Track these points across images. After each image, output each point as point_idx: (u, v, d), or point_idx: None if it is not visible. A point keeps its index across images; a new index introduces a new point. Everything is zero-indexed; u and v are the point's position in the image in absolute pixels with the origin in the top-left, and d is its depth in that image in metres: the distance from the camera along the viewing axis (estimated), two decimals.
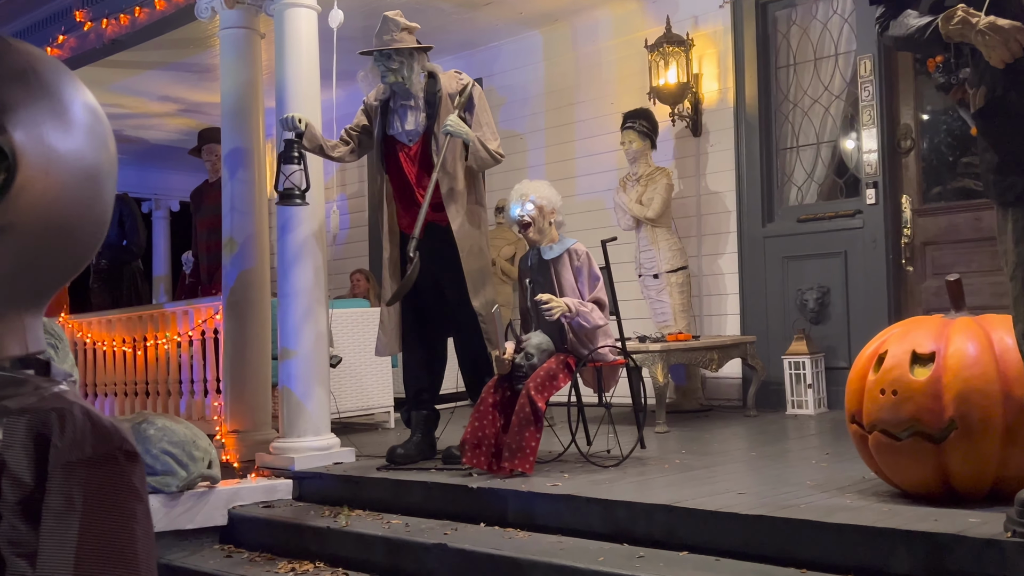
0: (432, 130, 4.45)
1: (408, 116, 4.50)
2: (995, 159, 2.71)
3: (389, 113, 4.55)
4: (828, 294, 5.85)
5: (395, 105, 4.53)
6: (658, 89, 6.28)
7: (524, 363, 4.08)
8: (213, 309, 5.59)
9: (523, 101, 7.34)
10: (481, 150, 4.40)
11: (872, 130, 5.64)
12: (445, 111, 4.45)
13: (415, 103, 4.49)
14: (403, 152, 4.52)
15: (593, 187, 6.78)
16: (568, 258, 4.18)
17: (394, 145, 4.54)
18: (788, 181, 6.17)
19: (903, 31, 2.86)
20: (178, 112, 8.49)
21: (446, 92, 4.48)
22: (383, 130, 4.55)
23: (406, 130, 4.50)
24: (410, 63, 4.42)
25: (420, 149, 4.50)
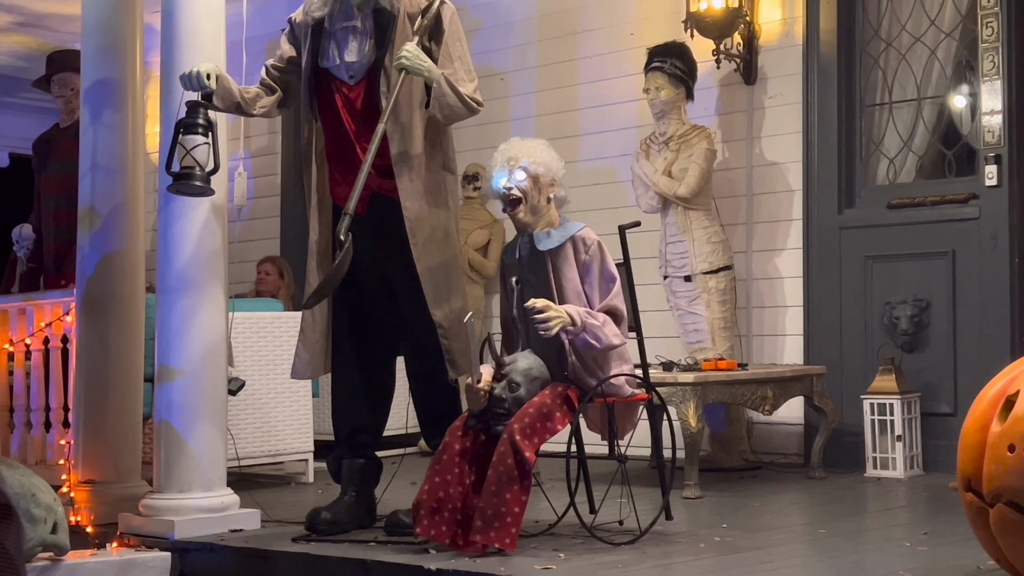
0: (383, 63, 4.43)
1: (350, 43, 4.48)
2: None
3: (324, 38, 4.52)
4: (928, 310, 5.91)
5: (332, 27, 4.50)
6: (698, 16, 6.33)
7: (506, 396, 4.06)
8: (62, 308, 5.54)
9: (506, 27, 7.36)
10: (449, 94, 4.36)
11: (996, 83, 5.73)
12: (402, 38, 4.43)
13: (361, 25, 4.47)
14: (341, 93, 4.50)
15: (603, 151, 6.83)
16: (572, 249, 4.17)
17: (330, 83, 4.52)
18: (876, 151, 6.26)
19: None
20: (13, 26, 8.42)
21: (404, 12, 4.46)
22: (314, 61, 4.53)
23: (346, 62, 4.48)
24: None
25: (365, 90, 4.48)
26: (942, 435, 5.76)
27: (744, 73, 6.47)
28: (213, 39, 4.76)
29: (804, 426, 6.19)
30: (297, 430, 6.19)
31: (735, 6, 6.29)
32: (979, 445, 3.32)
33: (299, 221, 8.71)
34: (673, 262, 6.08)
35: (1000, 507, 3.21)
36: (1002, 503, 3.20)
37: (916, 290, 5.94)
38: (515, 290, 4.26)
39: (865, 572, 3.70)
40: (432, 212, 4.47)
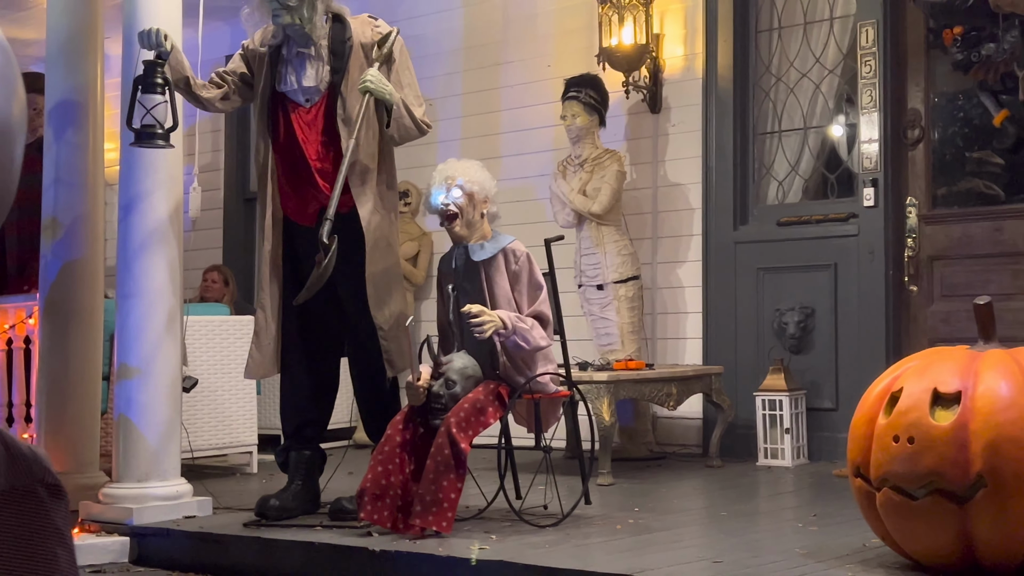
0: (339, 88, 4.43)
1: (307, 69, 4.47)
2: None
3: (280, 64, 4.50)
4: (812, 316, 6.02)
5: (289, 54, 4.49)
6: (609, 51, 6.38)
7: (443, 392, 4.09)
8: (25, 311, 5.44)
9: (435, 57, 7.36)
10: (406, 116, 4.40)
11: (873, 115, 5.84)
12: (356, 65, 4.44)
13: (316, 53, 4.46)
14: (297, 115, 4.48)
15: (523, 171, 6.83)
16: (504, 260, 4.21)
17: (285, 105, 4.50)
18: (767, 174, 6.35)
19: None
20: None
21: (358, 41, 4.47)
22: (271, 85, 4.51)
23: (303, 87, 4.46)
24: (312, 2, 4.39)
25: (321, 112, 4.47)
26: (825, 428, 5.88)
27: (650, 103, 6.54)
28: None
29: (703, 420, 6.27)
30: (243, 424, 6.15)
31: (643, 43, 6.36)
32: (867, 436, 3.41)
33: (241, 232, 8.68)
34: (587, 272, 6.13)
35: (886, 491, 3.30)
36: (888, 487, 3.30)
37: (802, 299, 6.05)
38: (452, 297, 4.29)
39: (764, 549, 3.77)
40: (381, 222, 4.49)
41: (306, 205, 4.49)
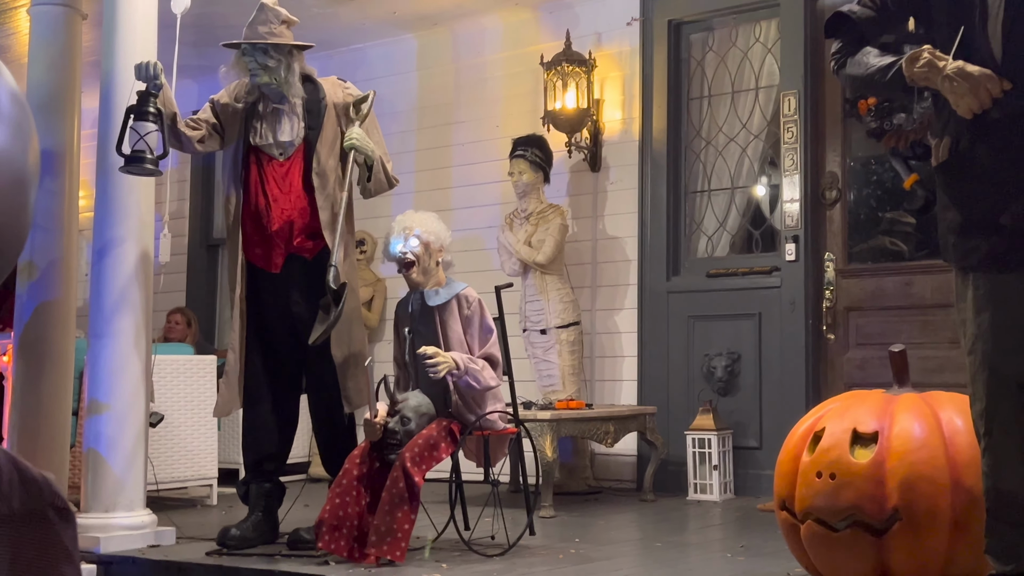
0: (314, 144, 4.45)
1: (282, 124, 4.48)
2: (957, 219, 2.92)
3: (255, 119, 4.51)
4: (739, 362, 6.08)
5: (264, 110, 4.50)
6: (553, 114, 6.45)
7: (399, 429, 4.08)
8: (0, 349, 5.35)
9: (391, 116, 7.37)
10: (382, 171, 4.46)
11: (794, 177, 5.95)
12: (329, 122, 4.47)
13: (291, 109, 4.48)
14: (270, 167, 4.48)
15: (472, 223, 6.86)
16: (457, 305, 4.23)
17: (259, 158, 4.50)
18: (697, 229, 6.42)
19: (862, 71, 3.06)
20: None
21: (331, 101, 4.50)
22: (246, 139, 4.51)
23: (278, 141, 4.47)
24: (288, 62, 4.42)
25: (295, 165, 4.47)
26: (750, 465, 5.93)
27: (591, 162, 6.61)
28: None
29: (637, 457, 6.29)
30: (205, 458, 6.07)
31: (584, 107, 6.44)
32: (792, 472, 3.46)
33: (204, 276, 8.61)
34: (531, 317, 6.16)
35: (809, 523, 3.34)
36: (811, 519, 3.34)
37: (730, 345, 6.12)
38: (408, 339, 4.29)
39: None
40: (347, 267, 4.49)
41: (273, 253, 4.47)
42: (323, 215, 4.44)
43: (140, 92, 4.28)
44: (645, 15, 6.45)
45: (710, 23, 6.39)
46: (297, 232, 4.44)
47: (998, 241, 2.83)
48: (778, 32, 6.09)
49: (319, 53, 7.36)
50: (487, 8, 6.84)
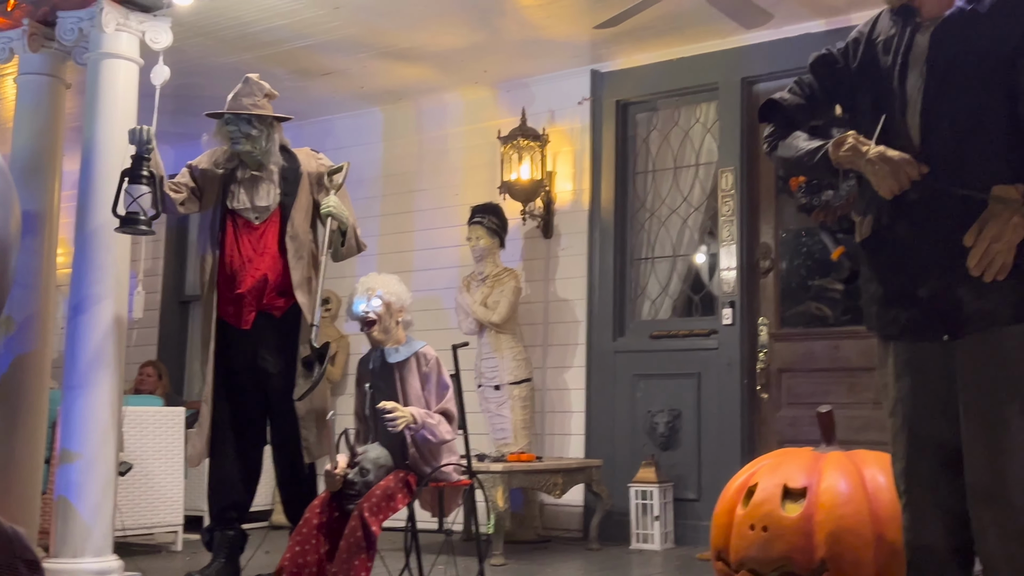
0: (289, 209, 4.47)
1: (259, 190, 4.50)
2: (879, 291, 2.97)
3: (234, 184, 4.52)
4: (679, 418, 6.11)
5: (242, 176, 4.51)
6: (510, 184, 6.50)
7: (358, 480, 4.04)
8: None
9: (357, 183, 7.36)
10: (354, 237, 4.49)
11: (731, 247, 6.02)
12: (304, 190, 4.50)
13: (268, 176, 4.49)
14: (246, 230, 4.49)
15: (432, 284, 6.87)
16: (415, 363, 4.21)
17: (236, 221, 4.50)
18: (642, 294, 6.47)
19: (792, 153, 3.12)
20: None
21: (306, 170, 4.53)
22: (224, 203, 4.51)
23: (256, 205, 4.48)
24: (269, 132, 4.46)
25: (270, 229, 4.48)
26: (690, 516, 5.93)
27: (544, 229, 6.65)
28: None
29: (584, 507, 6.27)
30: (171, 505, 5.97)
31: (538, 178, 6.50)
32: (727, 525, 3.47)
33: (175, 331, 8.51)
34: (486, 374, 6.15)
35: (743, 573, 3.35)
36: (744, 570, 3.35)
37: (671, 402, 6.14)
38: (368, 394, 4.26)
39: None
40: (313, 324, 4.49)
41: (244, 311, 4.45)
42: (295, 276, 4.44)
43: (134, 156, 4.28)
44: (595, 95, 6.54)
45: (654, 104, 6.49)
46: (269, 291, 4.44)
47: (916, 312, 2.88)
48: (717, 114, 6.20)
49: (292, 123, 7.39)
50: (449, 85, 6.91)
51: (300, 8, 5.52)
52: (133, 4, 4.78)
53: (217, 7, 5.19)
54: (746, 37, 5.87)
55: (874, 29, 3.12)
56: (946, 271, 2.83)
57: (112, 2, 4.71)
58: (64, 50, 5.05)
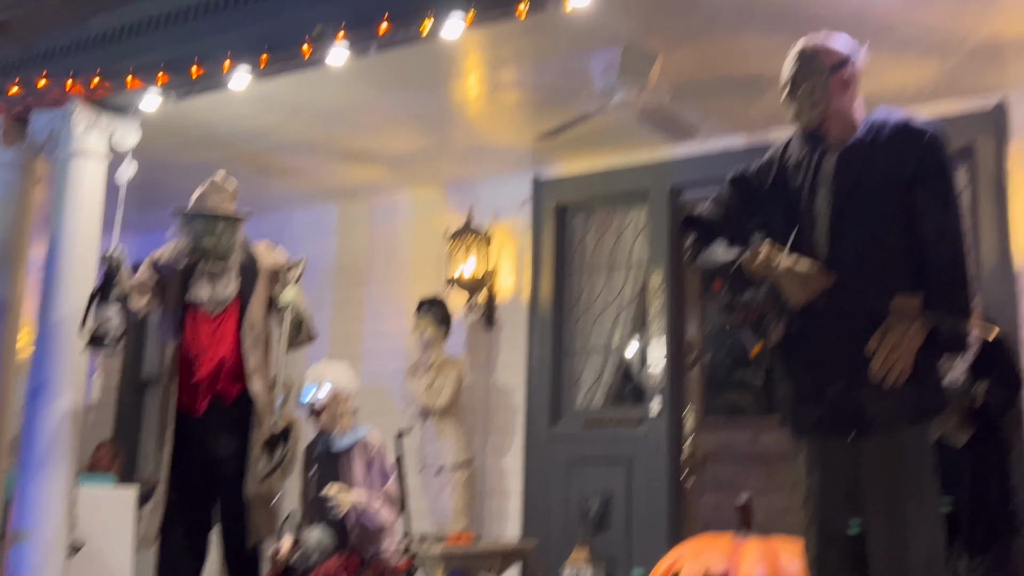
0: (246, 301, 4.46)
1: (219, 284, 4.49)
2: (791, 391, 3.04)
3: (193, 276, 4.51)
4: (611, 502, 6.07)
5: (203, 269, 4.50)
6: (455, 278, 6.52)
7: (301, 562, 3.98)
8: None
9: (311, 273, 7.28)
10: (309, 329, 4.49)
11: (659, 341, 6.07)
12: (261, 283, 4.50)
13: (227, 271, 4.49)
14: (204, 321, 4.47)
15: (380, 370, 6.82)
16: (360, 449, 4.20)
17: (195, 313, 4.48)
18: (576, 383, 6.48)
19: (711, 263, 3.20)
20: None
21: (263, 264, 4.53)
22: (183, 295, 4.50)
23: (215, 298, 4.47)
24: (233, 230, 4.48)
25: (228, 320, 4.46)
26: None
27: (486, 321, 6.66)
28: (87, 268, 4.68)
29: None
30: None
31: (482, 274, 6.53)
32: None
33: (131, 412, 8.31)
34: (429, 457, 6.09)
35: None
36: None
37: (603, 486, 6.11)
38: (314, 478, 4.23)
39: None
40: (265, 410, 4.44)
41: (199, 399, 4.41)
42: (250, 363, 4.42)
43: (104, 278, 4.29)
44: (536, 199, 6.63)
45: (591, 208, 6.60)
46: (223, 377, 4.41)
47: (825, 412, 2.94)
48: (647, 219, 6.30)
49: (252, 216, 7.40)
50: (401, 185, 6.97)
51: (262, 112, 5.57)
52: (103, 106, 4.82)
53: (183, 110, 5.21)
54: (674, 150, 6.01)
55: (786, 151, 3.23)
56: (852, 374, 2.91)
57: (84, 104, 4.74)
58: (35, 146, 5.06)
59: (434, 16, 4.12)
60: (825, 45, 3.16)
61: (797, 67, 3.13)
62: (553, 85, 5.19)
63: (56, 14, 4.83)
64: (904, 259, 2.96)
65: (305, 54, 4.39)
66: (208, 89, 4.79)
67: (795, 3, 4.35)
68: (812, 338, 3.00)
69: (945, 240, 2.92)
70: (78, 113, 4.75)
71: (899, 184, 3.00)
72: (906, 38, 4.68)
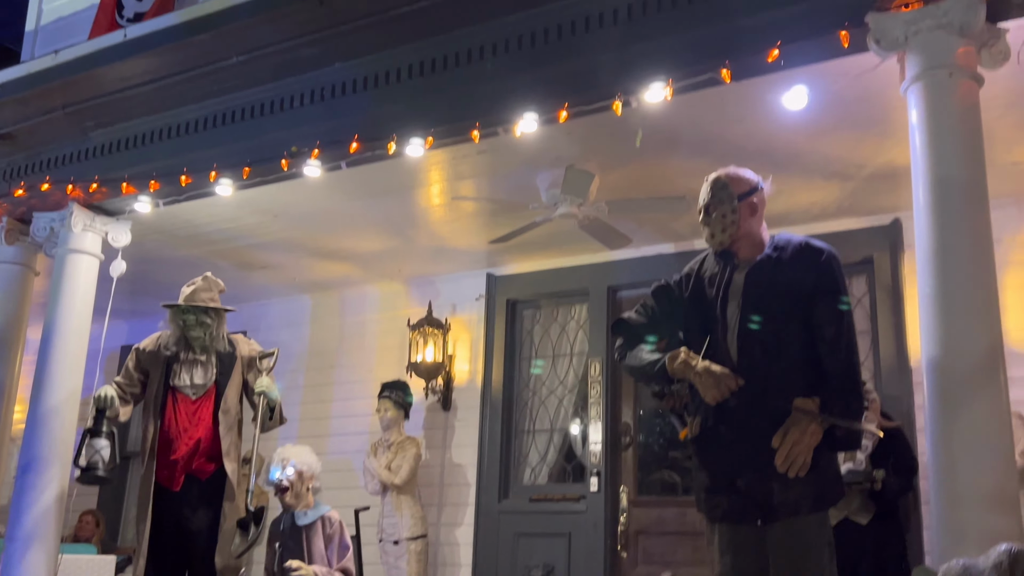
0: (223, 388, 4.45)
1: (198, 370, 4.49)
2: (705, 480, 3.07)
3: (176, 363, 4.50)
4: (553, 572, 6.01)
5: (185, 358, 4.49)
6: (416, 364, 6.53)
7: None
8: None
9: (286, 357, 7.26)
10: (279, 413, 4.47)
11: (598, 424, 6.09)
12: (237, 371, 4.50)
13: (207, 359, 4.49)
14: (184, 404, 4.45)
15: (344, 447, 6.76)
16: (321, 525, 4.16)
17: (175, 396, 4.47)
18: (524, 462, 6.46)
19: (636, 363, 3.26)
20: None
21: (240, 354, 4.53)
22: (166, 381, 4.48)
23: (194, 384, 4.46)
24: (219, 322, 4.49)
25: (206, 404, 4.45)
26: None
27: (443, 403, 6.65)
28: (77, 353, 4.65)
29: None
30: None
31: (440, 360, 6.55)
32: None
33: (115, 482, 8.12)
34: (387, 530, 6.01)
35: None
36: None
37: (546, 557, 6.05)
38: (277, 552, 4.17)
39: None
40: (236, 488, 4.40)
41: (177, 475, 4.37)
42: (224, 444, 4.39)
43: (95, 416, 4.31)
44: (489, 294, 6.69)
45: (538, 303, 6.67)
46: (199, 456, 4.38)
47: (735, 500, 2.97)
48: (588, 314, 6.38)
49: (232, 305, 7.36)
50: (368, 280, 7.00)
51: (244, 215, 5.61)
52: (99, 209, 4.84)
53: (173, 211, 5.23)
54: (611, 254, 6.12)
55: (702, 266, 3.32)
56: (759, 467, 2.95)
57: (81, 207, 4.76)
58: (36, 244, 5.05)
59: (398, 138, 4.21)
60: (734, 175, 3.28)
61: (710, 195, 3.24)
62: (505, 197, 5.29)
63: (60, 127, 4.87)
64: (804, 365, 3.04)
65: (283, 167, 4.45)
66: (196, 196, 4.83)
67: (714, 134, 4.51)
68: (724, 433, 3.05)
69: (839, 350, 3.00)
70: (76, 215, 4.77)
71: (800, 298, 3.09)
72: (812, 165, 4.85)
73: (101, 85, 4.72)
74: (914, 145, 3.41)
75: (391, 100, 4.33)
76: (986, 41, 3.47)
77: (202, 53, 4.50)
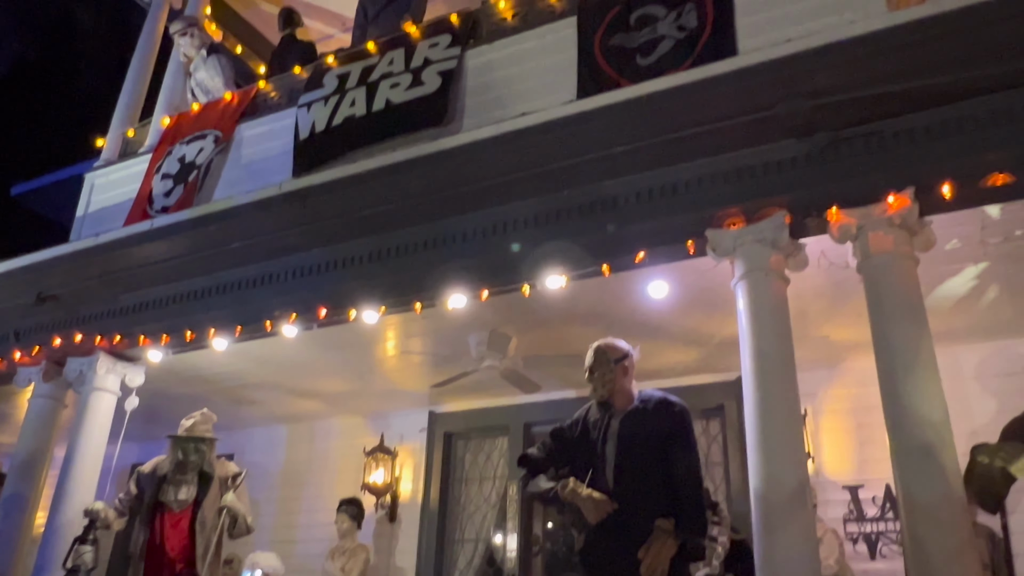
0: (202, 503, 4.41)
1: (183, 488, 4.46)
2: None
3: (165, 481, 4.47)
4: None
5: (173, 477, 4.47)
6: (368, 484, 6.50)
7: None
8: None
9: (264, 475, 7.24)
10: (244, 524, 4.42)
11: (514, 535, 6.08)
12: (214, 488, 4.48)
13: (191, 479, 4.46)
14: (168, 516, 4.40)
15: (308, 552, 6.58)
16: None
17: (162, 509, 4.42)
18: (454, 566, 6.37)
19: (536, 490, 3.40)
20: None
21: (218, 474, 4.52)
22: (156, 496, 4.44)
23: (178, 499, 4.42)
24: (212, 448, 4.50)
25: (186, 516, 4.42)
26: None
27: (390, 516, 6.56)
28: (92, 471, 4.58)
29: None
30: None
31: (389, 481, 6.51)
32: None
33: None
34: None
35: None
36: None
37: None
38: None
39: None
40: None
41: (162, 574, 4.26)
42: (199, 549, 4.33)
43: (85, 526, 4.29)
44: (430, 427, 6.74)
45: (469, 435, 6.74)
46: (178, 560, 4.30)
47: None
48: (508, 444, 6.46)
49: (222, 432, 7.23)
50: (332, 414, 7.02)
51: (237, 362, 5.68)
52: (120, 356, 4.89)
53: (180, 358, 5.30)
54: (526, 397, 6.28)
55: (588, 413, 3.53)
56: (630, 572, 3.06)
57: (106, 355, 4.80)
58: (67, 382, 5.04)
59: (356, 308, 4.40)
60: (611, 345, 3.54)
61: (593, 359, 3.48)
62: (443, 351, 5.47)
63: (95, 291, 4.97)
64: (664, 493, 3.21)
65: (267, 328, 4.59)
66: (197, 348, 4.91)
67: (602, 309, 4.80)
68: (603, 547, 3.17)
69: (688, 483, 3.20)
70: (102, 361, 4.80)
71: (660, 440, 3.30)
72: (676, 333, 5.16)
73: (130, 261, 4.86)
74: (741, 325, 3.72)
75: (353, 278, 4.54)
76: (791, 252, 3.84)
77: (210, 239, 4.70)
